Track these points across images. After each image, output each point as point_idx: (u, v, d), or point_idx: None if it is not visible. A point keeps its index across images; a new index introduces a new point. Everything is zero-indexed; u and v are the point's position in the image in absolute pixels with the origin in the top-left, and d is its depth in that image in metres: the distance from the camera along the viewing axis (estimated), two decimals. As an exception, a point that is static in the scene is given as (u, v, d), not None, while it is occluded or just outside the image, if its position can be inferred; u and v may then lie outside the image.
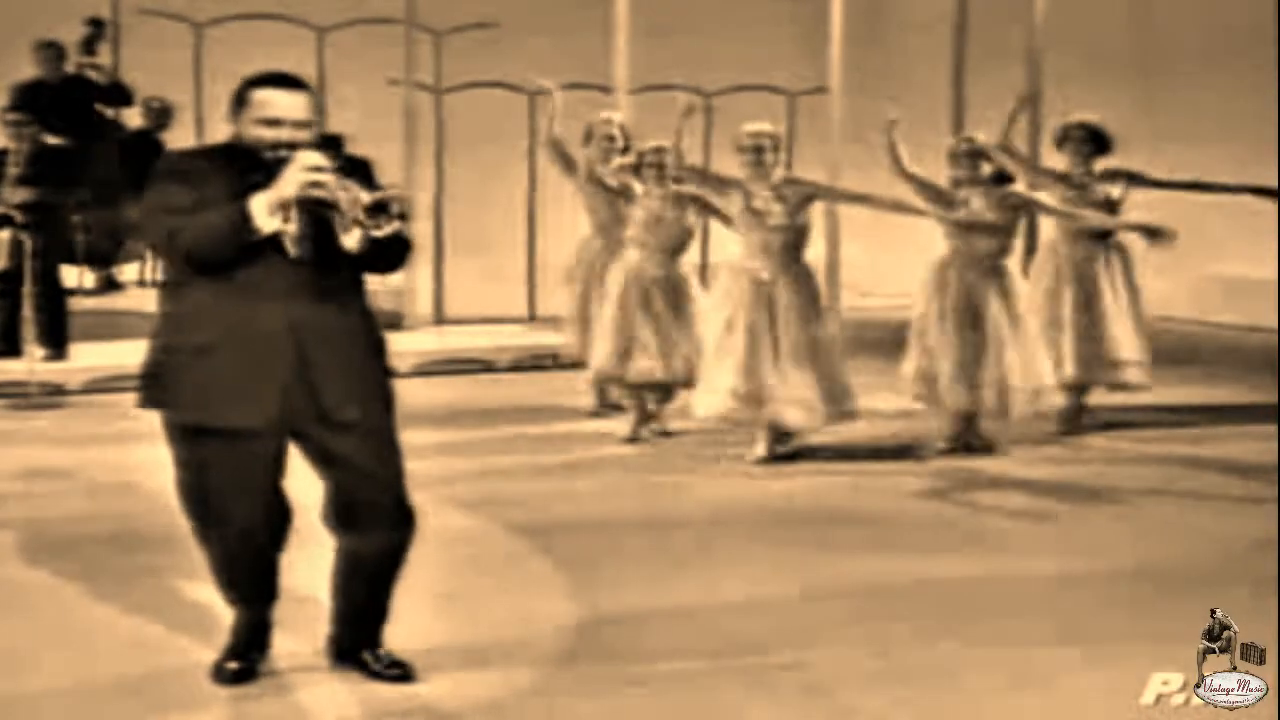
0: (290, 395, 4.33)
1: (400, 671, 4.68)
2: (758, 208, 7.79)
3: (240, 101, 4.35)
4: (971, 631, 5.26)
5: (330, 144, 4.50)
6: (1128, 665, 4.73)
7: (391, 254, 4.34)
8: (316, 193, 4.19)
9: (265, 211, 4.19)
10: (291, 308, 4.30)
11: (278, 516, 4.56)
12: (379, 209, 4.16)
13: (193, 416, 4.36)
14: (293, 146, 4.27)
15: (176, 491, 4.53)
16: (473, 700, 4.58)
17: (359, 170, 4.44)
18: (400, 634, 4.79)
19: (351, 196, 4.17)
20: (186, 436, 4.41)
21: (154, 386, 4.41)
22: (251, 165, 4.29)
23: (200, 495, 4.47)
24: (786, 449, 7.94)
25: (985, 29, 11.85)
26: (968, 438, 8.20)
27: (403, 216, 4.17)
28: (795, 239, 7.86)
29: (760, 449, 7.91)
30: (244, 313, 4.28)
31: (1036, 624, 5.36)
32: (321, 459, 4.46)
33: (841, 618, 5.41)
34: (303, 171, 4.19)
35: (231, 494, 4.43)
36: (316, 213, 4.24)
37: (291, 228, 4.24)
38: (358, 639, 4.71)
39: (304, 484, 4.60)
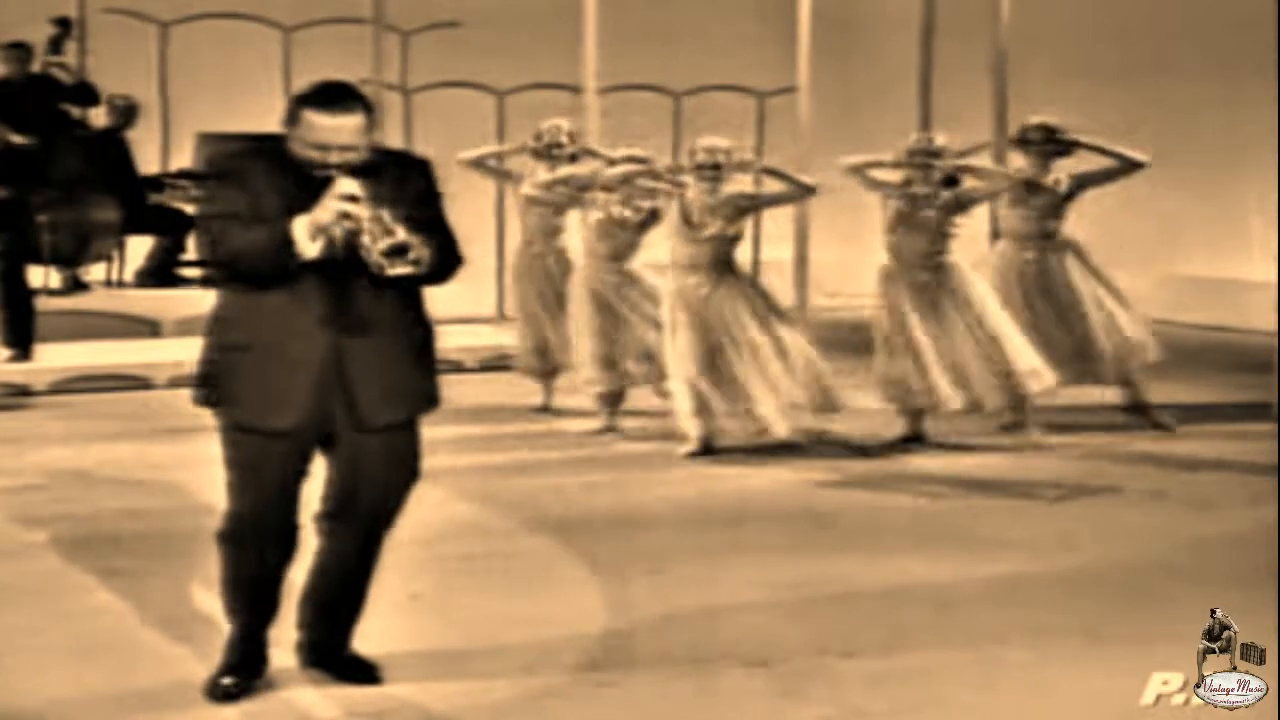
0: (325, 400, 4.33)
1: (370, 674, 4.65)
2: (694, 221, 7.86)
3: (291, 117, 4.32)
4: (953, 632, 5.26)
5: (393, 158, 4.50)
6: (1121, 666, 4.74)
7: (429, 275, 4.30)
8: (347, 224, 4.19)
9: (306, 236, 4.19)
10: (332, 312, 4.29)
11: (289, 529, 4.52)
12: (395, 252, 4.16)
13: (231, 416, 4.38)
14: (340, 167, 4.25)
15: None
16: (448, 704, 4.56)
17: (415, 170, 4.45)
18: (373, 635, 4.76)
19: (374, 231, 4.16)
20: (229, 437, 4.41)
21: (202, 386, 4.44)
22: (301, 175, 4.28)
23: (234, 492, 4.45)
24: (721, 445, 7.99)
25: (956, 28, 11.86)
26: (919, 433, 8.27)
27: (417, 263, 4.17)
28: (727, 249, 7.94)
29: (691, 445, 7.94)
30: (283, 315, 4.29)
31: (1024, 623, 5.36)
32: (346, 459, 4.44)
33: (808, 618, 5.42)
34: (336, 200, 4.18)
35: (254, 491, 4.41)
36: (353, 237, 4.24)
37: (338, 232, 4.23)
38: (330, 641, 4.68)
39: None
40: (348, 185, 4.20)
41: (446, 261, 4.38)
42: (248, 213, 4.26)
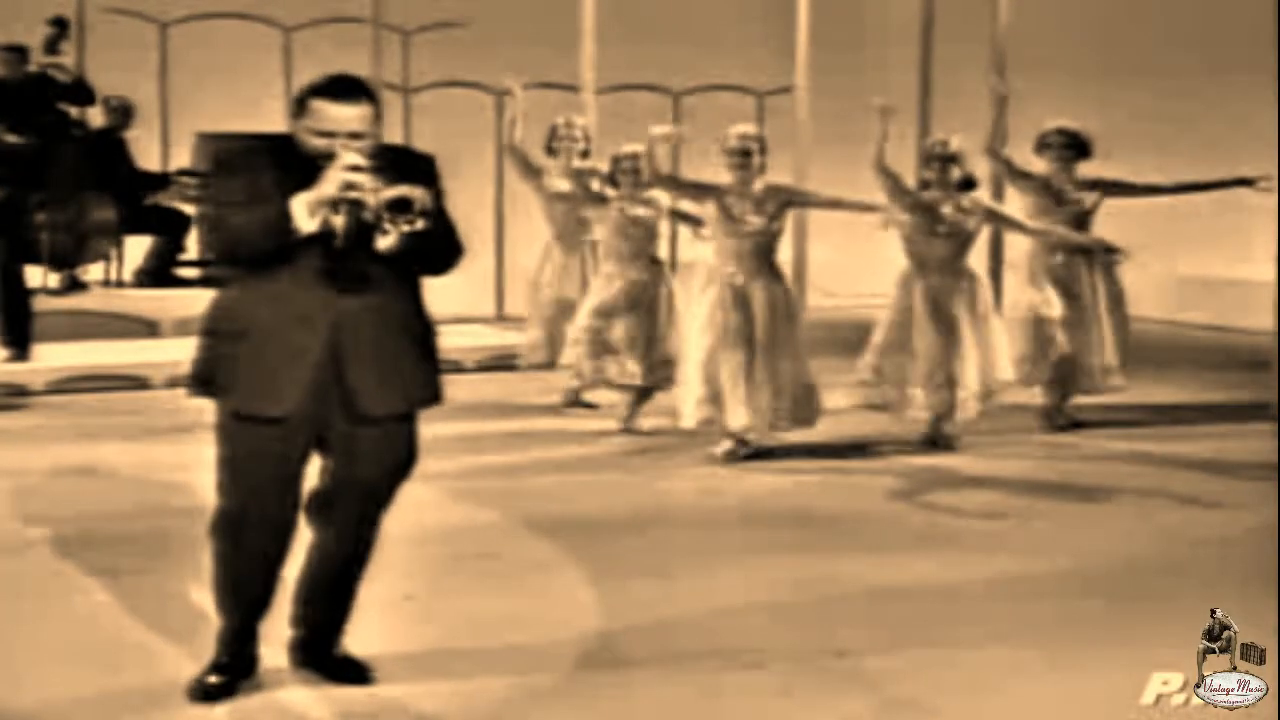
0: (322, 389, 4.32)
1: (362, 674, 4.64)
2: (735, 214, 7.83)
3: (299, 107, 4.34)
4: (953, 632, 5.24)
5: (397, 153, 4.50)
6: (1121, 666, 4.73)
7: (432, 254, 4.32)
8: (351, 193, 4.19)
9: (306, 212, 4.20)
10: (331, 301, 4.29)
11: (285, 525, 4.50)
12: (398, 207, 4.14)
13: (227, 404, 4.37)
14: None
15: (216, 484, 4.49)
16: (440, 705, 4.54)
17: (418, 167, 4.44)
18: (366, 635, 4.75)
19: (377, 195, 4.16)
20: (226, 428, 4.40)
21: (198, 375, 4.43)
22: (305, 164, 4.28)
23: (227, 486, 4.44)
24: (750, 449, 7.93)
25: (955, 29, 11.86)
26: (934, 436, 8.25)
27: (425, 214, 4.15)
28: (768, 244, 7.92)
29: (725, 446, 7.91)
30: (283, 304, 4.29)
31: (1024, 623, 5.35)
32: (341, 451, 4.43)
33: (808, 618, 5.40)
34: (340, 171, 4.19)
35: (249, 485, 4.40)
36: (357, 211, 4.24)
37: (339, 221, 4.23)
38: (322, 640, 4.67)
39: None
40: (352, 157, 4.21)
41: (449, 251, 4.40)
42: (248, 197, 4.26)
